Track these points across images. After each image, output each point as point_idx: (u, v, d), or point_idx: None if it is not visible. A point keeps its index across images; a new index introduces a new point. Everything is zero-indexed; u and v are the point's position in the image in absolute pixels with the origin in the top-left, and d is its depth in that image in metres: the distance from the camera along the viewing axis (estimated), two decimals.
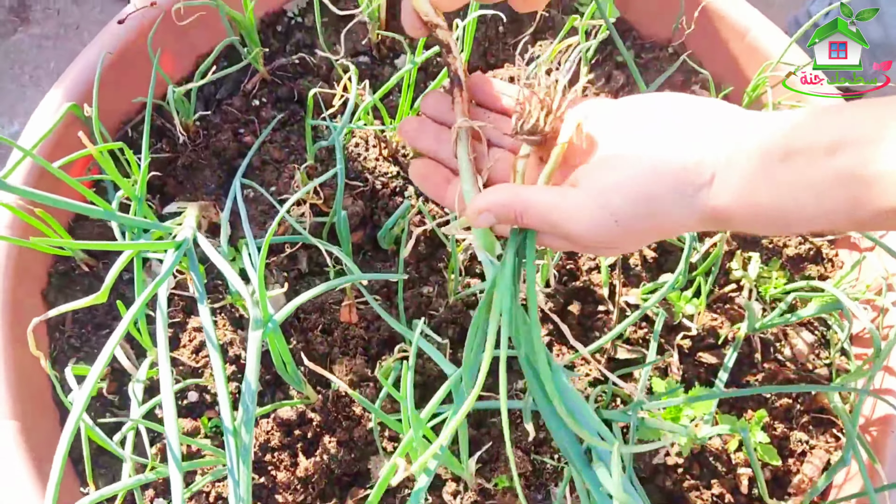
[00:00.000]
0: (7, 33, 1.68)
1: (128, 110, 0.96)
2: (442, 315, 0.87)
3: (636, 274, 0.91)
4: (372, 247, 0.94)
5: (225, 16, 0.89)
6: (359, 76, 1.03)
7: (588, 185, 0.50)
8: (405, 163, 0.97)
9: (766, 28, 1.00)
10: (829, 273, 0.92)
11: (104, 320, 0.87)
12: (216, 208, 0.93)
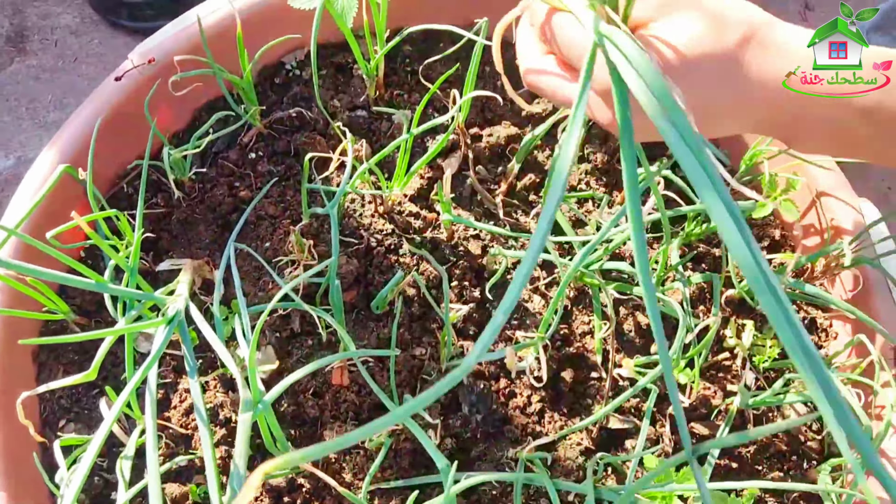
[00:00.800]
0: (3, 64, 1.68)
1: (123, 163, 0.96)
2: (434, 380, 0.87)
3: (630, 340, 0.91)
4: (365, 305, 0.93)
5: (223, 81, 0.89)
6: (356, 131, 1.03)
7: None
8: (400, 220, 0.97)
9: None
10: (823, 343, 0.92)
11: (95, 380, 0.87)
12: (210, 265, 0.93)
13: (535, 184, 1.01)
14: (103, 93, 0.90)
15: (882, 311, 0.85)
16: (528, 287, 0.93)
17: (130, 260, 0.72)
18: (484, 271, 0.95)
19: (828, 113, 0.52)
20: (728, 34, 0.52)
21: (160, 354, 0.65)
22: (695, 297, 0.93)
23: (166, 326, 0.68)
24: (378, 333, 0.90)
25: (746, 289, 0.89)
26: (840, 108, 0.51)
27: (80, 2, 1.82)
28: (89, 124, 0.86)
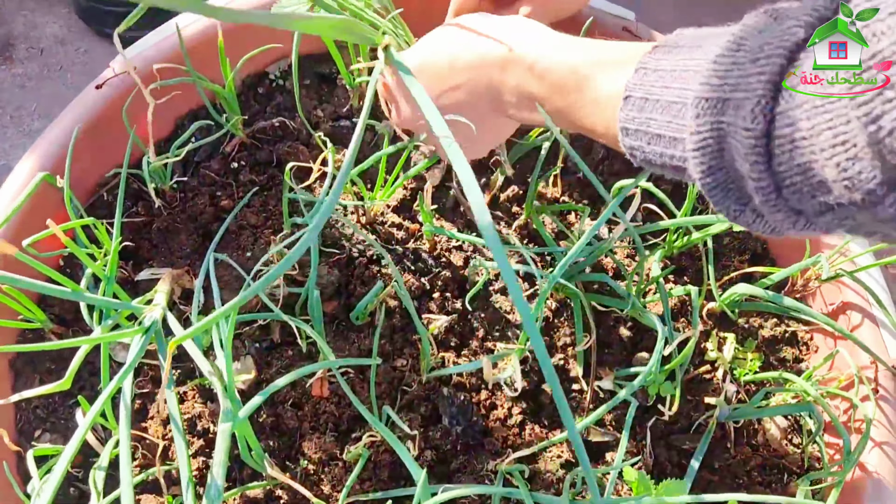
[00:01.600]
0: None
1: (103, 172, 0.95)
2: (414, 391, 0.86)
3: (611, 353, 0.91)
4: (346, 316, 0.93)
5: (205, 90, 0.89)
6: (339, 141, 1.03)
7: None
8: (383, 231, 0.97)
9: None
10: (804, 356, 0.93)
11: (72, 388, 0.86)
12: (190, 275, 0.92)
13: (517, 195, 1.01)
14: (84, 101, 0.89)
15: (861, 324, 0.86)
16: (510, 299, 0.93)
17: (108, 269, 0.71)
18: (466, 282, 0.94)
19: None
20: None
21: (136, 364, 0.65)
22: (676, 309, 0.93)
23: (142, 336, 0.67)
24: (359, 344, 0.89)
25: (727, 301, 0.89)
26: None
27: (66, 11, 1.82)
28: (69, 132, 0.85)
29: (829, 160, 0.39)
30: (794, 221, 0.45)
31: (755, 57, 0.43)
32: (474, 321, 0.92)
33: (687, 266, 0.96)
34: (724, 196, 0.48)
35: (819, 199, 0.42)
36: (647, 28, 1.02)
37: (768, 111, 0.42)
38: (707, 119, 0.46)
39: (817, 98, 0.39)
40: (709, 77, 0.46)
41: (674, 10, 2.10)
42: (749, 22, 0.46)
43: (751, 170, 0.43)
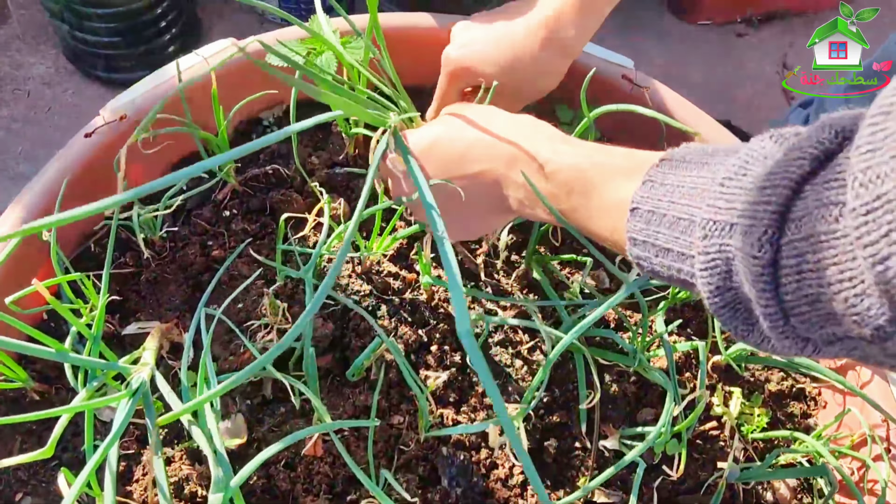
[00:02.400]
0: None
1: (91, 222, 0.93)
2: (412, 451, 0.83)
3: (616, 408, 0.88)
4: (341, 371, 0.90)
5: (199, 140, 0.87)
6: (334, 189, 1.01)
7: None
8: (378, 281, 0.94)
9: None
10: (812, 412, 0.90)
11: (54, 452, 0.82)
12: (179, 328, 0.89)
13: (517, 243, 0.99)
14: (72, 149, 0.87)
15: (871, 380, 0.83)
16: (511, 351, 0.91)
17: (94, 327, 0.68)
18: None
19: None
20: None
21: (122, 431, 0.61)
22: (680, 362, 0.91)
23: (129, 400, 0.64)
24: (354, 400, 0.86)
25: (733, 356, 0.87)
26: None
27: (54, 52, 1.80)
28: (56, 182, 0.83)
29: (836, 294, 0.39)
30: (803, 348, 0.45)
31: (762, 185, 0.44)
32: (474, 375, 0.89)
33: (690, 317, 0.94)
34: (732, 316, 0.48)
35: (827, 330, 0.42)
36: (645, 76, 1.01)
37: (775, 241, 0.42)
38: (715, 241, 0.46)
39: (822, 234, 0.40)
40: (716, 199, 0.47)
41: (668, 52, 2.12)
42: (755, 146, 0.48)
43: (758, 297, 0.43)
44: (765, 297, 0.43)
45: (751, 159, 0.47)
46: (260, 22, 1.98)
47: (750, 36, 2.18)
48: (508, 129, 0.69)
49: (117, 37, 1.65)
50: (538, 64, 0.86)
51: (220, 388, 0.56)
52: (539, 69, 0.87)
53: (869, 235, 0.36)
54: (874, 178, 0.36)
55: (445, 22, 1.04)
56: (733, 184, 0.46)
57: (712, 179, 0.49)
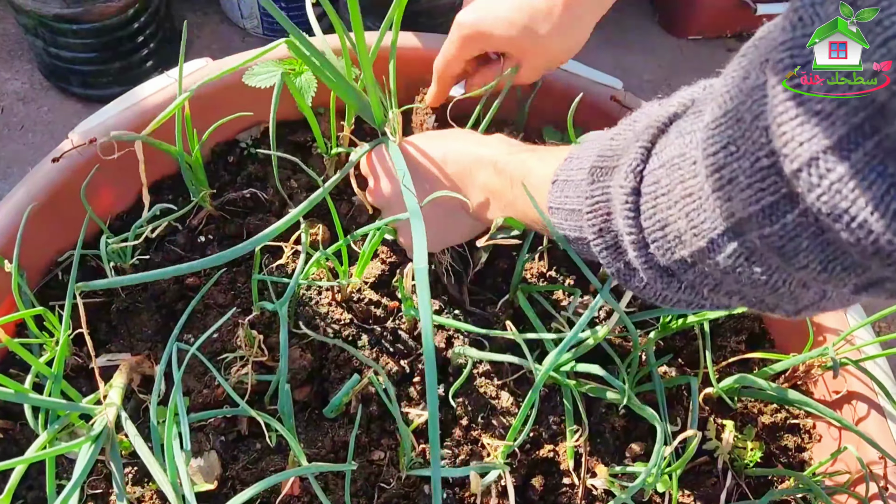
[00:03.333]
0: None
1: (59, 249, 0.89)
2: (393, 489, 0.80)
3: (604, 443, 0.85)
4: (320, 404, 0.86)
5: (171, 160, 0.83)
6: (314, 213, 0.98)
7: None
8: (359, 309, 0.91)
9: None
10: (807, 445, 0.87)
11: (18, 491, 0.78)
12: (151, 360, 0.86)
13: (502, 271, 0.96)
14: (38, 174, 0.83)
15: (867, 415, 0.81)
16: (496, 383, 0.87)
17: (54, 365, 0.65)
18: (448, 366, 0.89)
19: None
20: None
21: (83, 480, 0.58)
22: (670, 393, 0.88)
23: (91, 445, 0.61)
24: (333, 435, 0.82)
25: (725, 388, 0.84)
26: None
27: (29, 67, 1.76)
28: (21, 209, 0.79)
29: (680, 211, 0.43)
30: (668, 281, 0.48)
31: (638, 131, 0.49)
32: (458, 408, 0.86)
33: (681, 347, 0.91)
34: (615, 258, 0.52)
35: (678, 255, 0.45)
36: (634, 97, 0.99)
37: (639, 171, 0.47)
38: (599, 185, 0.51)
39: (675, 158, 0.44)
40: (603, 150, 0.52)
41: (657, 67, 2.10)
42: (644, 107, 0.53)
43: (623, 224, 0.48)
44: (628, 224, 0.47)
45: (638, 117, 0.52)
46: (241, 37, 1.95)
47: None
48: (471, 140, 0.77)
49: (93, 52, 1.61)
50: (563, 27, 0.83)
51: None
52: (563, 33, 0.83)
53: (712, 146, 0.39)
54: (728, 99, 0.39)
55: (430, 42, 1.01)
56: (619, 136, 0.52)
57: (608, 137, 0.54)
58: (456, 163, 0.76)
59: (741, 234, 0.40)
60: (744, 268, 0.41)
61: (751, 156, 0.37)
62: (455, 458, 0.82)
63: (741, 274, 0.42)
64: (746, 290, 0.44)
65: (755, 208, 0.38)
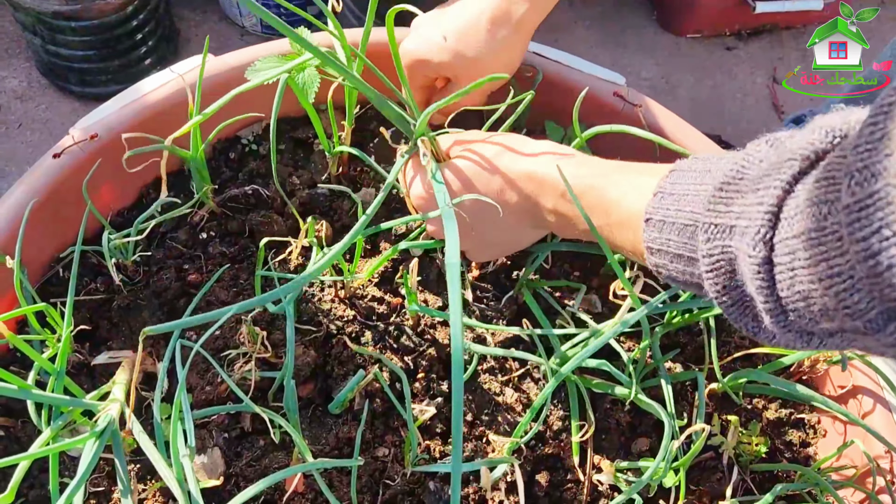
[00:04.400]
0: None
1: (60, 246, 0.88)
2: (398, 486, 0.79)
3: (609, 439, 0.85)
4: (324, 400, 0.86)
5: (174, 156, 0.83)
6: (316, 209, 0.97)
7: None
8: (362, 306, 0.90)
9: None
10: (812, 440, 0.87)
11: (20, 489, 0.78)
12: (153, 357, 0.85)
13: (506, 266, 0.96)
14: (39, 170, 0.83)
15: (873, 410, 0.81)
16: (500, 379, 0.87)
17: (57, 361, 0.64)
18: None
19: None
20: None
21: (87, 477, 0.57)
22: (676, 389, 0.88)
23: (95, 441, 0.60)
24: (337, 432, 0.82)
25: (731, 384, 0.84)
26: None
27: (27, 65, 1.75)
28: (22, 205, 0.78)
29: (827, 290, 0.41)
30: (808, 341, 0.47)
31: (756, 187, 0.46)
32: (464, 407, 0.85)
33: (685, 343, 0.91)
34: (742, 314, 0.50)
35: (823, 326, 0.43)
36: (637, 93, 0.99)
37: (769, 240, 0.44)
38: (717, 243, 0.49)
39: (812, 231, 0.41)
40: (715, 203, 0.50)
41: (655, 65, 2.10)
42: (751, 151, 0.50)
43: (757, 293, 0.45)
44: (763, 294, 0.45)
45: (747, 163, 0.49)
46: (240, 34, 1.94)
47: (739, 49, 2.17)
48: (533, 157, 0.73)
49: (91, 50, 1.60)
50: (492, 45, 0.85)
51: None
52: (493, 50, 0.85)
53: (861, 231, 0.37)
54: (869, 176, 0.36)
55: None
56: (731, 187, 0.49)
57: (712, 185, 0.51)
58: (512, 194, 0.74)
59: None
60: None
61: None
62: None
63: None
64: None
65: None
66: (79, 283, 0.87)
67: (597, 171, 0.67)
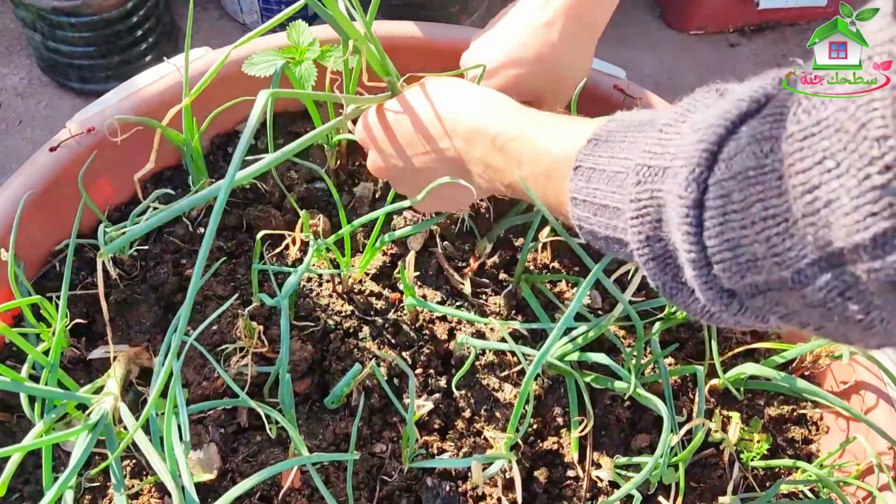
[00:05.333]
0: None
1: (57, 240, 0.88)
2: (395, 482, 0.79)
3: (609, 435, 0.84)
4: (321, 396, 0.85)
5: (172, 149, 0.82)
6: (314, 204, 0.97)
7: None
8: (360, 301, 0.90)
9: None
10: (814, 437, 0.86)
11: (14, 484, 0.77)
12: (150, 352, 0.85)
13: (505, 261, 0.95)
14: (35, 164, 0.82)
15: (876, 405, 0.80)
16: (499, 375, 0.86)
17: (51, 354, 0.64)
18: (451, 357, 0.87)
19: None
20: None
21: (79, 468, 0.57)
22: (676, 385, 0.87)
23: (88, 434, 0.59)
24: (334, 427, 0.81)
25: (732, 379, 0.83)
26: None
27: (28, 62, 1.75)
28: (17, 199, 0.78)
29: (758, 234, 0.37)
30: (728, 303, 0.43)
31: (697, 127, 0.42)
32: (460, 400, 0.85)
33: (686, 338, 0.90)
34: (661, 270, 0.46)
35: (749, 280, 0.40)
36: (638, 86, 0.98)
37: (702, 181, 0.40)
38: (647, 187, 0.45)
39: (750, 170, 0.38)
40: (651, 145, 0.45)
41: (658, 61, 2.09)
42: (698, 96, 0.46)
43: (682, 239, 0.41)
44: (688, 241, 0.41)
45: (692, 107, 0.45)
46: (241, 32, 1.94)
47: (742, 46, 2.16)
48: (465, 103, 0.68)
49: (91, 46, 1.59)
50: (566, 55, 0.79)
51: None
52: (568, 58, 0.80)
53: (802, 162, 0.34)
54: (818, 103, 0.34)
55: (432, 31, 1.00)
56: (671, 129, 0.45)
57: (652, 129, 0.47)
58: (441, 138, 0.69)
59: (839, 265, 0.34)
60: (836, 303, 0.36)
61: (857, 172, 0.31)
62: (458, 450, 0.81)
63: (831, 310, 0.36)
64: (829, 325, 0.38)
65: (863, 236, 0.32)
66: (76, 277, 0.86)
67: (531, 119, 0.62)
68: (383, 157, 0.77)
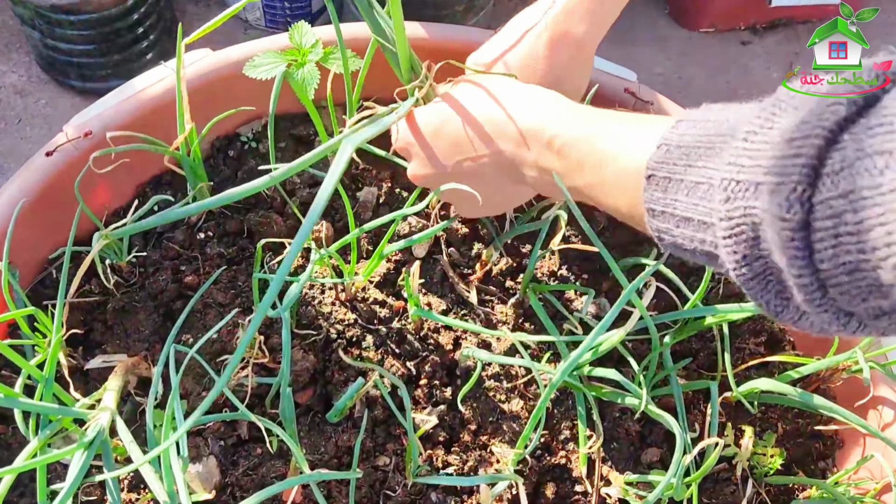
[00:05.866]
0: None
1: (54, 246, 0.86)
2: (399, 497, 0.77)
3: (618, 449, 0.82)
4: (323, 407, 0.83)
5: (172, 154, 0.80)
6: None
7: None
8: (364, 309, 0.88)
9: None
10: (829, 452, 0.84)
11: (10, 498, 0.75)
12: (148, 361, 0.83)
13: (512, 268, 0.93)
14: (31, 169, 0.80)
15: (893, 422, 0.78)
16: (506, 386, 0.84)
17: (46, 368, 0.62)
18: (456, 367, 0.85)
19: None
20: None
21: (76, 488, 0.55)
22: (687, 398, 0.85)
23: (83, 452, 0.57)
24: (337, 440, 0.79)
25: (745, 393, 0.81)
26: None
27: (27, 60, 1.73)
28: (12, 204, 0.76)
29: (882, 261, 0.33)
30: (845, 323, 0.39)
31: (791, 137, 0.37)
32: (466, 412, 0.83)
33: (698, 349, 0.88)
34: (763, 290, 0.42)
35: (871, 304, 0.36)
36: (649, 89, 0.95)
37: (807, 200, 0.36)
38: (738, 203, 0.41)
39: (864, 189, 0.34)
40: (738, 157, 0.41)
41: (668, 60, 2.06)
42: (782, 96, 0.41)
43: (790, 265, 0.38)
44: (797, 266, 0.37)
45: (778, 110, 0.41)
46: (244, 28, 1.91)
47: (754, 44, 2.12)
48: (516, 103, 0.65)
49: (91, 44, 1.57)
50: (552, 68, 0.76)
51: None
52: (553, 73, 0.76)
53: None
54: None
55: (436, 32, 0.98)
56: (758, 138, 0.41)
57: (733, 136, 0.43)
58: (491, 141, 0.66)
59: None
60: None
61: None
62: (464, 464, 0.79)
63: None
64: None
65: None
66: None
67: (589, 120, 0.58)
68: (429, 164, 0.73)
